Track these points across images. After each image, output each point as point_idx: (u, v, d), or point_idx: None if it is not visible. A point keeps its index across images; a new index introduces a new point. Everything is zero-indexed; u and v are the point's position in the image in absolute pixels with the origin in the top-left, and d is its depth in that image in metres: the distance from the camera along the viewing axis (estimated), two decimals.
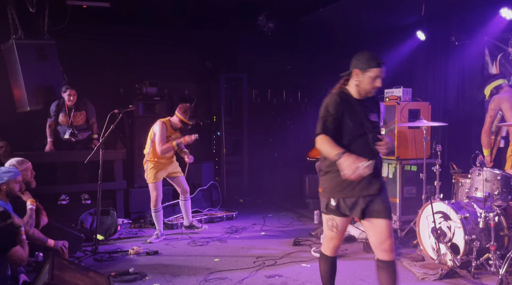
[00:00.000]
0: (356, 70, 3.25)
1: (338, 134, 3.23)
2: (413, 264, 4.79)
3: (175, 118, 5.83)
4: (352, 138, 3.24)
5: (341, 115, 3.22)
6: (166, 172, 5.93)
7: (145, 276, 4.61)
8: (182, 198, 6.23)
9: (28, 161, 4.83)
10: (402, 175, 5.99)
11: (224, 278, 4.54)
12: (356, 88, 3.28)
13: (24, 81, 6.20)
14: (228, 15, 7.28)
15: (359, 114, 3.27)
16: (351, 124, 3.23)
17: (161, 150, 5.65)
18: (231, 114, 8.76)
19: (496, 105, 5.35)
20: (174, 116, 5.85)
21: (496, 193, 4.49)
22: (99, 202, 5.46)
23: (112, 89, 7.61)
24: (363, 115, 3.29)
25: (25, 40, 6.25)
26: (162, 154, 5.70)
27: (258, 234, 6.29)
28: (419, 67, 7.39)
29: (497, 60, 6.05)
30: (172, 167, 5.96)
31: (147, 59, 7.97)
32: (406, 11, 6.61)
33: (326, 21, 7.33)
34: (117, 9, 6.66)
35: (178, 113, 5.81)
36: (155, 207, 5.88)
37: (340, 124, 3.23)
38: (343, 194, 3.28)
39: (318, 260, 3.68)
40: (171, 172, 5.98)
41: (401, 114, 6.01)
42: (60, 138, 6.60)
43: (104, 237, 5.87)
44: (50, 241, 4.45)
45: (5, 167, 4.44)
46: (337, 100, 3.25)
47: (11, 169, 4.37)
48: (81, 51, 7.36)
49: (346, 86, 3.36)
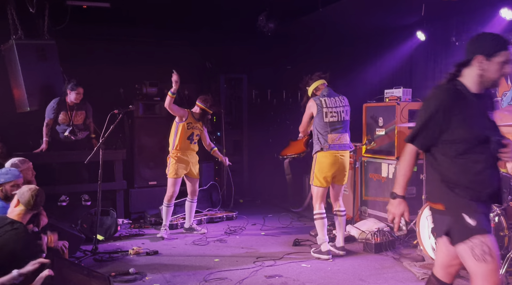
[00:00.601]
0: (479, 57, 2.58)
1: (448, 143, 2.60)
2: (413, 264, 4.79)
3: (196, 107, 6.08)
4: (470, 147, 2.58)
5: (451, 117, 2.56)
6: (187, 169, 6.06)
7: (145, 276, 4.62)
8: (189, 199, 6.31)
9: (29, 161, 4.83)
10: None
11: (224, 278, 4.54)
12: (478, 79, 2.61)
13: (24, 81, 6.19)
14: (228, 15, 7.28)
15: (479, 113, 2.61)
16: (467, 128, 2.56)
17: (165, 103, 5.77)
18: (231, 114, 8.76)
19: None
20: (195, 106, 6.09)
21: None
22: (99, 202, 5.46)
23: (112, 89, 7.60)
24: (483, 114, 2.63)
25: (25, 40, 6.24)
26: (166, 106, 5.77)
27: (258, 234, 6.29)
28: (419, 67, 7.38)
29: None
30: (193, 164, 6.13)
31: (147, 59, 7.96)
32: (406, 11, 6.61)
33: (326, 21, 7.33)
34: (117, 9, 6.66)
35: (199, 102, 6.09)
36: (169, 201, 6.03)
37: (449, 129, 2.58)
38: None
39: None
40: (191, 171, 6.12)
41: (401, 114, 6.01)
42: (57, 138, 6.52)
43: (104, 237, 5.87)
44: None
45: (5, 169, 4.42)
46: (445, 99, 2.59)
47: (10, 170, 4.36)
48: (81, 51, 7.35)
49: (459, 78, 2.67)
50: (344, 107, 5.26)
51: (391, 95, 6.26)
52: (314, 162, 5.24)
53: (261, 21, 6.93)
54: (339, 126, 5.18)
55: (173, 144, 6.01)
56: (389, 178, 6.14)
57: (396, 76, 7.79)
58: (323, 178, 5.16)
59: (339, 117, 5.18)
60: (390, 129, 6.13)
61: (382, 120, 6.29)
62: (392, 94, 6.24)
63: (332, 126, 5.15)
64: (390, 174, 6.12)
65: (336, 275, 4.64)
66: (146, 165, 7.29)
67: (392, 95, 6.23)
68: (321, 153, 5.15)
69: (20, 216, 3.68)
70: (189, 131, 6.01)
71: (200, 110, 6.06)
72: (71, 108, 6.44)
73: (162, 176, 7.34)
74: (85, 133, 6.70)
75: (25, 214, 3.71)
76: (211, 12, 7.11)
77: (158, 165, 7.34)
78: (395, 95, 6.19)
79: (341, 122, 5.19)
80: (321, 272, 4.73)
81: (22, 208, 3.68)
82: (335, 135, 5.13)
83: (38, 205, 3.81)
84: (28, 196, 3.69)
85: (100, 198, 5.45)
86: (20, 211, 3.69)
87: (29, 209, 3.71)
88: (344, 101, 5.29)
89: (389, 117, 6.17)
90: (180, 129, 5.97)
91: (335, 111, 5.18)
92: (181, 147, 5.99)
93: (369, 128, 6.52)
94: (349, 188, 6.78)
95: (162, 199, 6.11)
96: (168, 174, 6.01)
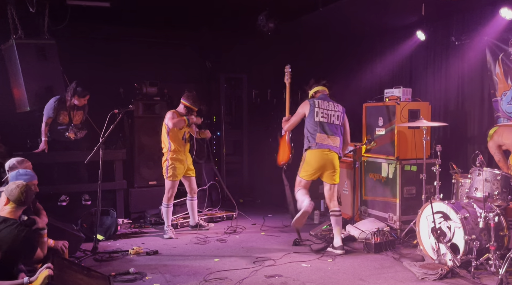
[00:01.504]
0: None
1: None
2: (413, 264, 4.79)
3: (181, 105, 6.11)
4: None
5: None
6: (184, 169, 6.13)
7: (145, 276, 4.61)
8: (189, 198, 6.38)
9: (28, 161, 4.83)
10: (402, 175, 5.99)
11: (224, 278, 4.54)
12: None
13: (24, 81, 6.19)
14: (228, 15, 7.27)
15: None
16: None
17: (174, 123, 5.85)
18: (231, 114, 8.76)
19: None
20: (180, 105, 6.12)
21: (496, 193, 4.49)
22: (99, 202, 5.46)
23: (112, 89, 7.60)
24: None
25: (25, 40, 6.24)
26: (175, 126, 5.87)
27: (258, 234, 6.29)
28: (419, 67, 7.38)
29: (499, 60, 6.03)
30: (189, 163, 6.20)
31: (147, 59, 7.96)
32: (406, 11, 6.61)
33: (326, 21, 7.33)
34: (117, 9, 6.65)
35: (183, 100, 6.10)
36: (168, 202, 6.08)
37: None
38: None
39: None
40: (188, 169, 6.19)
41: (401, 114, 6.01)
42: (56, 139, 6.49)
43: (104, 237, 5.87)
44: (50, 241, 4.45)
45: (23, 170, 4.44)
46: None
47: (28, 172, 4.39)
48: (81, 51, 7.35)
49: None
50: (336, 112, 5.52)
51: (391, 95, 6.25)
52: (303, 159, 5.57)
53: (261, 21, 6.93)
54: (328, 127, 5.44)
55: (169, 146, 6.01)
56: (389, 178, 6.14)
57: (396, 76, 7.79)
58: (308, 172, 5.49)
59: (329, 119, 5.47)
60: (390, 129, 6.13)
61: (382, 120, 6.29)
62: (392, 94, 6.24)
63: (321, 126, 5.43)
64: (390, 174, 6.12)
65: (336, 275, 4.64)
66: (146, 165, 7.28)
67: (392, 95, 6.23)
68: (310, 151, 5.46)
69: (11, 213, 3.72)
70: (181, 131, 6.07)
71: (185, 108, 6.08)
72: (72, 108, 6.43)
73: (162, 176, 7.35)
74: (83, 132, 6.70)
75: (16, 211, 3.76)
76: (211, 11, 7.11)
77: (158, 165, 7.30)
78: (395, 95, 6.19)
79: (331, 124, 5.46)
80: (321, 272, 4.73)
81: (12, 205, 3.72)
82: (323, 135, 5.41)
83: (28, 200, 3.87)
84: (17, 192, 3.73)
85: (100, 198, 5.45)
86: (11, 209, 3.73)
87: (19, 205, 3.75)
88: (337, 107, 5.55)
89: (389, 117, 6.17)
90: (174, 130, 6.00)
91: (326, 113, 5.47)
92: (177, 147, 6.02)
93: (369, 128, 6.52)
94: (349, 188, 6.78)
95: (162, 199, 6.11)
96: (167, 176, 6.02)
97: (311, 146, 5.41)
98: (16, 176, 4.26)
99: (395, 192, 6.02)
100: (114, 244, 5.79)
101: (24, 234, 3.64)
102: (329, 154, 5.39)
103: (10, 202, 3.73)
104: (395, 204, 6.02)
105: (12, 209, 3.73)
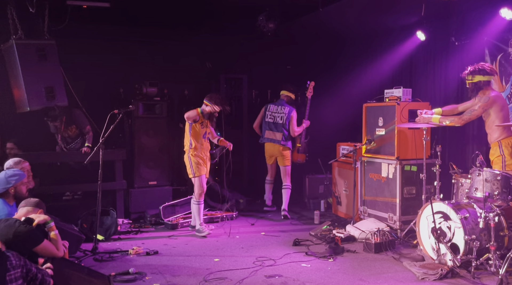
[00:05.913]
0: None
1: None
2: (413, 264, 4.79)
3: (203, 105, 6.20)
4: None
5: None
6: (207, 166, 6.27)
7: (145, 276, 4.61)
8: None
9: (25, 161, 4.83)
10: (402, 175, 5.99)
11: (224, 278, 4.54)
12: None
13: (24, 81, 6.18)
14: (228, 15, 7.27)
15: None
16: None
17: (188, 114, 6.03)
18: (231, 114, 8.75)
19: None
20: (203, 105, 6.22)
21: (496, 193, 4.49)
22: (99, 202, 5.46)
23: (112, 89, 7.60)
24: None
25: (25, 40, 6.23)
26: (188, 117, 6.02)
27: (258, 234, 6.29)
28: (419, 67, 7.39)
29: (497, 61, 6.05)
30: (208, 162, 6.36)
31: (147, 59, 7.96)
32: (406, 11, 6.61)
33: (326, 21, 7.33)
34: (117, 9, 6.65)
35: (206, 100, 6.20)
36: (199, 199, 6.17)
37: None
38: None
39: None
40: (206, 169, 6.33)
41: (401, 114, 6.01)
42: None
43: (104, 237, 5.87)
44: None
45: (10, 171, 4.45)
46: None
47: (16, 172, 4.40)
48: (81, 51, 7.35)
49: None
50: (280, 114, 7.21)
51: (391, 95, 6.25)
52: None
53: (261, 21, 6.93)
54: (273, 126, 7.24)
55: (190, 144, 6.11)
56: (389, 178, 6.14)
57: (396, 76, 7.80)
58: (266, 158, 7.49)
59: (274, 120, 7.26)
60: (390, 129, 6.13)
61: (382, 120, 6.29)
62: (392, 94, 6.24)
63: (268, 125, 7.30)
64: (390, 174, 6.12)
65: (336, 275, 4.64)
66: (146, 165, 7.29)
67: (392, 95, 6.23)
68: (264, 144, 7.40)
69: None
70: (203, 130, 6.19)
71: (207, 108, 6.16)
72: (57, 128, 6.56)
73: (162, 176, 7.36)
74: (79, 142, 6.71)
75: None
76: (211, 12, 7.11)
77: (158, 165, 7.35)
78: (395, 95, 6.19)
79: (275, 124, 7.24)
80: (321, 272, 4.73)
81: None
82: (269, 132, 7.29)
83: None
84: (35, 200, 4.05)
85: (100, 198, 5.45)
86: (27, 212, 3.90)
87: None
88: (284, 110, 7.21)
89: (389, 117, 6.17)
90: (196, 129, 6.12)
91: (272, 115, 7.28)
92: (198, 145, 6.13)
93: (369, 128, 6.52)
94: (349, 188, 6.79)
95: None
96: (194, 174, 6.13)
97: (262, 140, 7.40)
98: (5, 177, 4.28)
99: (395, 192, 6.02)
100: (114, 244, 5.78)
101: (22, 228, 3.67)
102: (273, 146, 7.24)
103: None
104: (395, 204, 6.02)
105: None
